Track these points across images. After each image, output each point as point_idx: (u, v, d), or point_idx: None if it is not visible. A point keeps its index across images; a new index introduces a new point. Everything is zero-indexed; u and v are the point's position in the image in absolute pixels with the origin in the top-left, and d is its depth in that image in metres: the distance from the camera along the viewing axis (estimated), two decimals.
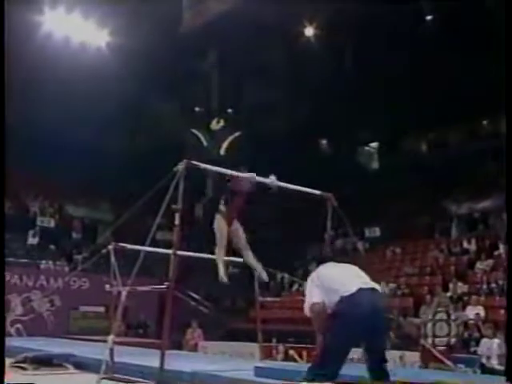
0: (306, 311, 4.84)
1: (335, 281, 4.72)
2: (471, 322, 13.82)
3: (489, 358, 11.19)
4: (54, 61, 19.05)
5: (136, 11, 18.61)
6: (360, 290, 4.56)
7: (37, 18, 18.74)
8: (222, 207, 7.03)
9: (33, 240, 21.16)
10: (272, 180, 6.98)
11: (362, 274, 4.90)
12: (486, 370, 10.64)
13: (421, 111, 21.61)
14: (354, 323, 4.46)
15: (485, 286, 15.74)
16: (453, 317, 14.01)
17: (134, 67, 20.17)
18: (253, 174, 6.84)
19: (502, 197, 19.55)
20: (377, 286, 4.78)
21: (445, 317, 13.73)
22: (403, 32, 18.97)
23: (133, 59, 19.94)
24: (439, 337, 13.35)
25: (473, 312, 14.19)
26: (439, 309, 14.17)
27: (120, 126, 23.04)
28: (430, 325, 13.76)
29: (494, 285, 15.60)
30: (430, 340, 13.27)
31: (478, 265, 17.19)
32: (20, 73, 15.59)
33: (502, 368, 10.49)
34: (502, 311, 14.07)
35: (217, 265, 6.88)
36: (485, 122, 23.99)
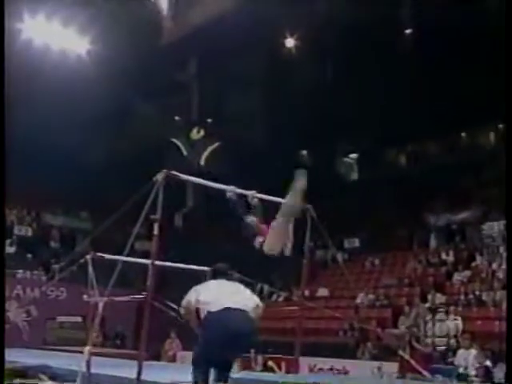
0: (181, 309, 5.24)
1: (210, 292, 5.00)
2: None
3: (466, 368, 11.27)
4: (32, 68, 18.92)
5: (117, 20, 18.59)
6: (226, 309, 4.79)
7: (16, 26, 18.61)
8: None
9: (10, 249, 20.91)
10: (252, 193, 6.93)
11: (244, 293, 5.12)
12: (463, 381, 10.72)
13: (400, 124, 21.79)
14: (214, 339, 4.75)
15: (462, 297, 15.87)
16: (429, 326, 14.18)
17: (115, 76, 20.10)
18: (232, 187, 6.81)
19: (479, 209, 19.81)
20: (247, 308, 4.93)
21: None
22: (383, 45, 19.16)
23: (113, 68, 19.87)
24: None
25: (451, 323, 14.32)
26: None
27: (99, 135, 22.92)
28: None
29: (471, 296, 15.74)
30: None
31: (456, 276, 17.34)
32: None
33: (478, 380, 10.61)
34: (479, 322, 14.22)
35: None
36: (463, 135, 24.28)
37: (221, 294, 4.95)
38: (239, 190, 6.85)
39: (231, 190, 6.77)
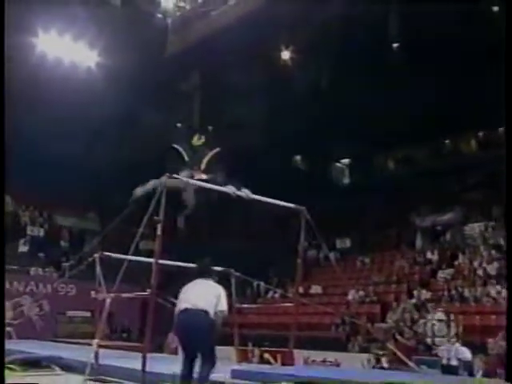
0: None
1: (182, 295, 5.47)
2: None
3: (449, 359, 11.32)
4: (46, 79, 18.98)
5: (124, 34, 18.68)
6: (185, 309, 5.27)
7: (31, 40, 18.68)
8: None
9: (23, 248, 20.93)
10: (247, 193, 6.96)
11: (209, 295, 5.36)
12: (446, 370, 10.81)
13: (389, 131, 21.79)
14: (178, 335, 5.52)
15: (446, 294, 15.91)
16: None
17: (121, 86, 20.16)
18: (232, 188, 6.85)
19: (461, 211, 19.86)
20: (207, 308, 5.25)
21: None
22: (373, 54, 19.15)
23: (120, 78, 19.92)
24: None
25: (435, 318, 14.36)
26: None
27: (108, 141, 22.95)
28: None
29: (453, 292, 15.79)
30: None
31: (440, 273, 17.37)
32: (14, 90, 15.48)
33: (456, 364, 10.75)
34: (461, 317, 14.27)
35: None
36: (447, 142, 24.31)
37: (187, 296, 5.37)
38: (238, 192, 6.89)
39: (231, 191, 6.83)
